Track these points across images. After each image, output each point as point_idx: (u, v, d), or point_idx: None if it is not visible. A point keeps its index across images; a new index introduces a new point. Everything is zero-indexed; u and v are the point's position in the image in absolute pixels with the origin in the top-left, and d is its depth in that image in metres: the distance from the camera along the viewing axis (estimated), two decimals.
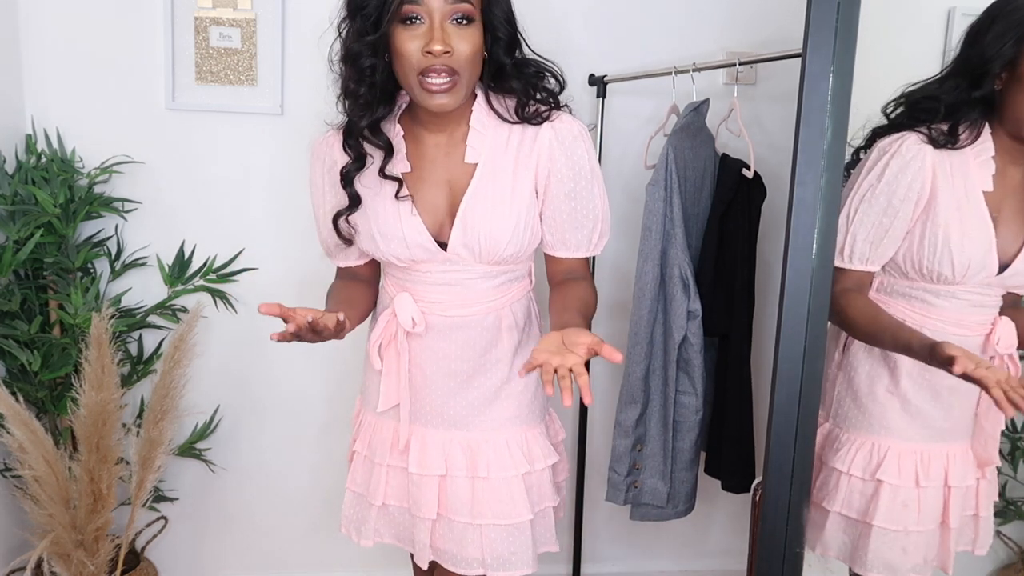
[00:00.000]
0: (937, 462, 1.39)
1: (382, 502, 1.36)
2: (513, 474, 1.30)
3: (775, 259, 2.02)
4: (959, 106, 1.26)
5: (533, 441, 1.35)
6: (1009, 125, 1.25)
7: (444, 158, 1.25)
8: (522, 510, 1.30)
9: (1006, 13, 1.22)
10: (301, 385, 2.17)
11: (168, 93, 1.99)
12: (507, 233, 1.22)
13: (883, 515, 1.37)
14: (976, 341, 1.36)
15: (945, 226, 1.26)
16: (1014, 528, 2.12)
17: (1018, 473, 2.06)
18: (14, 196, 1.82)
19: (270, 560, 2.24)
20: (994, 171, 1.28)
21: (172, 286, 2.01)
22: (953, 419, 1.40)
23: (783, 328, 1.04)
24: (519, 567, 1.31)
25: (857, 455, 1.41)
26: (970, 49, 1.27)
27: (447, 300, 1.27)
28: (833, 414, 1.47)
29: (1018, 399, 1.05)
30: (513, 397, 1.33)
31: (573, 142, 1.23)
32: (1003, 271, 1.31)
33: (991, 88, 1.24)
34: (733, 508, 2.33)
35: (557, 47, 2.04)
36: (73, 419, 1.74)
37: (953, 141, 1.25)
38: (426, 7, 1.11)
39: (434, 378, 1.31)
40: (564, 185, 1.24)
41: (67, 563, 1.74)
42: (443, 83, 1.14)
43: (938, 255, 1.27)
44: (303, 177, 2.06)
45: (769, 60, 1.66)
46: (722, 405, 1.86)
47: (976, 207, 1.27)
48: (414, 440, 1.33)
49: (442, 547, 1.33)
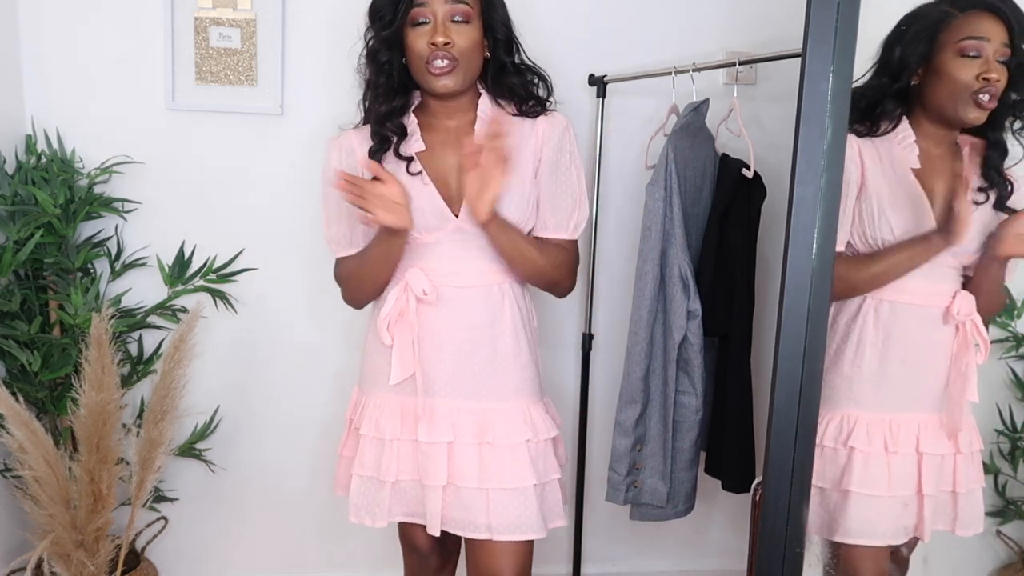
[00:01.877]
0: (907, 429, 1.46)
1: (395, 478, 1.42)
2: (518, 440, 1.40)
3: (775, 259, 2.02)
4: (878, 101, 1.46)
5: (536, 413, 1.45)
6: (931, 113, 1.44)
7: (455, 141, 1.42)
8: (527, 475, 1.38)
9: (918, 19, 1.43)
10: (301, 385, 2.17)
11: (168, 93, 1.99)
12: (513, 199, 1.38)
13: (857, 480, 1.44)
14: (936, 312, 1.46)
15: (878, 197, 1.43)
16: (1014, 528, 2.12)
17: (1018, 473, 2.06)
18: (14, 196, 1.82)
19: (270, 560, 2.24)
20: (918, 152, 1.45)
21: (172, 286, 2.02)
22: (921, 388, 1.48)
23: (783, 328, 1.04)
24: (524, 531, 1.38)
25: (829, 427, 1.48)
26: (888, 53, 1.45)
27: (454, 271, 1.40)
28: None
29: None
30: (518, 369, 1.44)
31: (563, 131, 1.44)
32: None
33: (907, 83, 1.44)
34: (733, 508, 2.33)
35: (557, 47, 2.05)
36: (73, 419, 1.74)
37: (874, 129, 1.46)
38: (431, 9, 1.34)
39: (443, 348, 1.41)
40: (550, 168, 1.43)
41: (67, 563, 1.74)
42: (444, 66, 1.34)
43: (877, 222, 1.43)
44: (303, 177, 2.08)
45: (769, 60, 1.66)
46: (722, 405, 1.86)
47: (905, 180, 1.44)
48: (422, 412, 1.41)
49: (450, 514, 1.40)
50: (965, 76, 1.37)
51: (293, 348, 2.15)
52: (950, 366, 1.47)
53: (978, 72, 1.36)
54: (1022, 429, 2.04)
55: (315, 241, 2.07)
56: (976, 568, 2.19)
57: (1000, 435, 2.04)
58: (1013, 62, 1.38)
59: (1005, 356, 2.02)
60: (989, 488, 2.08)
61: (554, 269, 1.44)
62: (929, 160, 1.46)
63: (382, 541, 2.13)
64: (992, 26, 1.37)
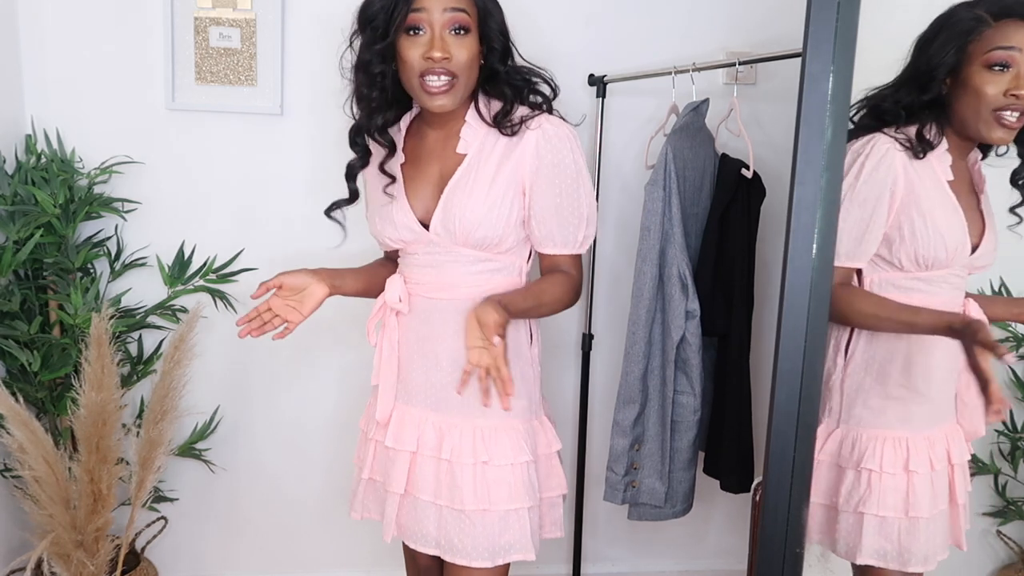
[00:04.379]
0: (920, 444, 1.43)
1: (368, 476, 1.45)
2: (470, 462, 1.33)
3: (775, 259, 2.02)
4: (915, 110, 1.37)
5: (502, 435, 1.35)
6: (957, 125, 1.37)
7: (440, 150, 1.36)
8: (470, 499, 1.32)
9: (950, 24, 1.33)
10: (301, 385, 2.17)
11: (168, 93, 1.99)
12: (479, 215, 1.29)
13: (875, 502, 1.41)
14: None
15: (931, 214, 1.35)
16: (1014, 528, 2.12)
17: (1018, 473, 2.06)
18: (14, 196, 1.82)
19: (270, 560, 2.24)
20: (951, 163, 1.39)
21: (172, 286, 2.01)
22: (934, 404, 1.44)
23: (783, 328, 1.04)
24: (465, 557, 1.32)
25: (842, 445, 1.45)
26: (919, 57, 1.38)
27: (429, 281, 1.36)
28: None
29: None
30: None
31: (560, 143, 1.30)
32: (973, 252, 1.42)
33: (938, 92, 1.36)
34: (733, 508, 2.33)
35: (557, 47, 2.05)
36: (73, 419, 1.74)
37: (926, 148, 1.36)
38: (428, 18, 1.24)
39: (413, 357, 1.38)
40: (550, 184, 1.31)
41: (67, 563, 1.74)
42: (442, 84, 1.26)
43: (931, 241, 1.35)
44: (303, 177, 2.08)
45: (769, 60, 1.66)
46: (721, 405, 1.86)
47: (946, 195, 1.38)
48: (395, 416, 1.40)
49: (405, 523, 1.39)
50: (992, 91, 1.29)
51: (293, 348, 2.14)
52: (961, 374, 1.44)
53: (1007, 88, 1.28)
54: (1022, 429, 2.04)
55: (316, 241, 2.07)
56: (976, 568, 2.19)
57: (1000, 435, 2.04)
58: None
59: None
60: (989, 488, 2.09)
61: (561, 302, 1.36)
62: (956, 172, 1.40)
63: (382, 541, 2.12)
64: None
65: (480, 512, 1.32)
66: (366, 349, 1.52)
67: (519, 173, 1.31)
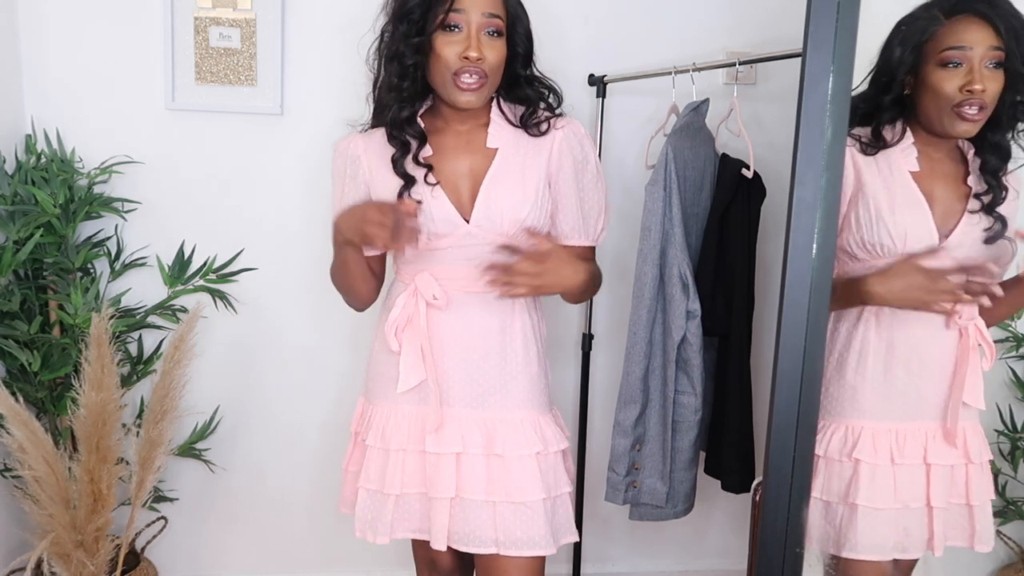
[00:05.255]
0: (913, 439, 1.43)
1: (400, 491, 1.38)
2: (527, 453, 1.35)
3: (775, 259, 2.02)
4: (876, 110, 1.43)
5: (546, 425, 1.41)
6: (924, 121, 1.41)
7: (465, 145, 1.39)
8: (535, 489, 1.34)
9: (908, 25, 1.39)
10: (301, 385, 2.17)
11: (168, 93, 1.99)
12: (527, 205, 1.35)
13: (864, 494, 1.41)
14: (939, 318, 1.43)
15: (875, 201, 1.40)
16: (1014, 528, 2.12)
17: (1018, 473, 2.06)
18: (14, 196, 1.82)
19: (270, 560, 2.24)
20: (916, 155, 1.43)
21: (172, 286, 2.02)
22: (926, 396, 1.44)
23: (783, 328, 1.04)
24: (531, 547, 1.34)
25: (833, 437, 1.46)
26: (882, 58, 1.43)
27: (464, 276, 1.36)
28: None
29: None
30: (527, 379, 1.40)
31: (584, 141, 1.41)
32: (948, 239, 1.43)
33: (900, 92, 1.41)
34: (733, 508, 2.33)
35: (557, 47, 2.05)
36: (73, 419, 1.74)
37: (880, 146, 1.43)
38: (466, 17, 1.28)
39: (453, 355, 1.37)
40: (574, 179, 1.40)
41: (67, 563, 1.74)
42: (473, 83, 1.30)
43: (875, 227, 1.40)
44: (303, 177, 2.08)
45: (769, 60, 1.66)
46: (722, 405, 1.86)
47: (903, 183, 1.41)
48: (432, 421, 1.37)
49: (456, 528, 1.35)
50: (948, 88, 1.33)
51: (293, 348, 2.15)
52: (953, 372, 1.44)
53: (961, 84, 1.33)
54: (1022, 429, 2.04)
55: (315, 241, 2.08)
56: (976, 568, 2.19)
57: (1000, 435, 2.04)
58: (1010, 63, 1.33)
59: (1005, 356, 2.03)
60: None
61: (595, 287, 1.44)
62: (929, 163, 1.43)
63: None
64: (977, 32, 1.32)
65: (540, 501, 1.35)
66: (366, 350, 1.52)
67: (547, 169, 1.39)
